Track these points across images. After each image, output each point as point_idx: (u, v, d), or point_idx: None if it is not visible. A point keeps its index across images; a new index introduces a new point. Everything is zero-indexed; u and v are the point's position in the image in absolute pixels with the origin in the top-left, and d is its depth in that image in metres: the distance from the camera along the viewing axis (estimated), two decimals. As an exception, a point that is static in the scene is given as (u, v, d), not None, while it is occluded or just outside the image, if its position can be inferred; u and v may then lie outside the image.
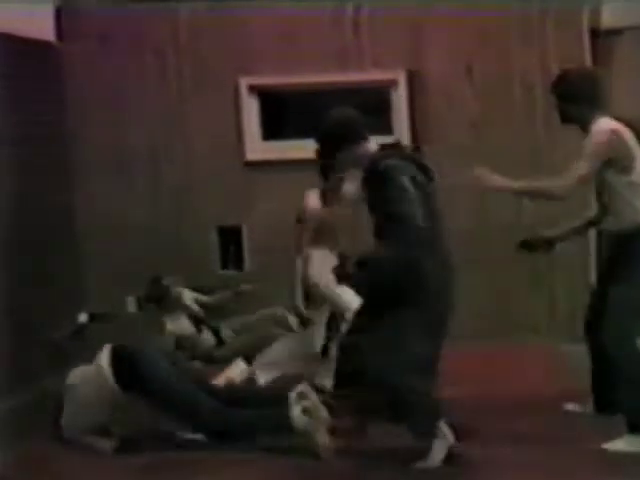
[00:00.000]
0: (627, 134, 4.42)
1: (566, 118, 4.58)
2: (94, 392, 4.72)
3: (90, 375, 4.80)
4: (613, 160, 4.35)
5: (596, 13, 6.55)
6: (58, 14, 6.72)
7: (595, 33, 6.55)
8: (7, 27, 5.85)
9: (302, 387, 4.60)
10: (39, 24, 6.51)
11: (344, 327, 4.96)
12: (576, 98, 4.48)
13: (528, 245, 4.90)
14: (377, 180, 4.10)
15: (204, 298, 6.45)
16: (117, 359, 4.75)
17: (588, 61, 6.47)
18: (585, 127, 4.46)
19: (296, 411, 4.50)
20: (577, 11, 6.52)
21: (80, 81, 6.72)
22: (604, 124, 4.41)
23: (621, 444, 4.32)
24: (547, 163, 6.51)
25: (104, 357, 4.77)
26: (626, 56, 6.50)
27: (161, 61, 6.74)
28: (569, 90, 4.51)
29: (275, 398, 4.69)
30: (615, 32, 6.54)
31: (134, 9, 6.65)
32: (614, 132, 4.38)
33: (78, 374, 4.89)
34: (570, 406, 4.97)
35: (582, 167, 4.33)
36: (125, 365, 4.72)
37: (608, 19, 6.55)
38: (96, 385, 4.72)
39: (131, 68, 6.76)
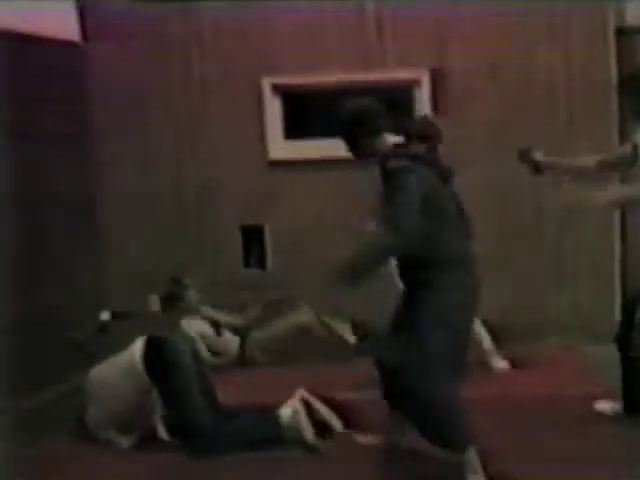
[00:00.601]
0: None
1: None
2: (124, 381, 4.75)
3: (121, 365, 4.83)
4: None
5: (621, 11, 6.50)
6: (82, 14, 6.75)
7: (620, 31, 6.50)
8: (31, 27, 5.88)
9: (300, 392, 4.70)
10: (63, 24, 6.54)
11: None
12: None
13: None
14: (386, 179, 4.06)
15: (232, 319, 6.41)
16: (149, 349, 4.79)
17: (613, 60, 6.43)
18: None
19: (285, 410, 4.60)
20: (602, 9, 6.47)
21: (104, 81, 6.75)
22: None
23: None
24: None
25: (137, 347, 4.80)
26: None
27: (185, 60, 6.75)
28: None
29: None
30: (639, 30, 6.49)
31: (158, 8, 6.66)
32: None
33: (106, 366, 4.93)
34: (601, 405, 4.92)
35: None
36: (155, 354, 4.76)
37: (633, 17, 6.50)
38: (126, 374, 4.76)
39: (155, 67, 6.77)
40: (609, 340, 4.81)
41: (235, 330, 6.36)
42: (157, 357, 4.76)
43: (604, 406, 4.90)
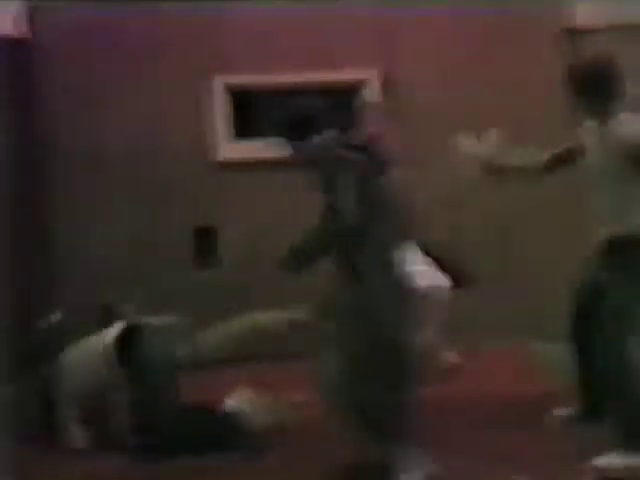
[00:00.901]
0: None
1: (588, 113, 4.36)
2: (94, 363, 4.74)
3: (92, 347, 4.82)
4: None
5: (571, 13, 6.57)
6: (31, 11, 6.68)
7: (570, 32, 6.56)
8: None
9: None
10: (12, 21, 6.47)
11: None
12: (598, 86, 4.28)
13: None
14: (323, 167, 4.12)
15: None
16: (125, 335, 4.77)
17: (563, 62, 6.46)
18: (605, 120, 4.28)
19: (229, 400, 4.71)
20: (552, 11, 6.53)
21: (54, 80, 6.68)
22: (631, 119, 4.25)
23: (613, 458, 4.21)
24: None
25: (113, 331, 4.78)
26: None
27: (137, 59, 6.69)
28: (592, 81, 4.29)
29: None
30: (590, 32, 6.54)
31: (112, 8, 6.60)
32: None
33: (77, 348, 4.91)
34: (558, 411, 4.90)
35: None
36: (130, 341, 4.75)
37: (583, 19, 6.56)
38: (96, 356, 4.74)
39: (108, 67, 6.71)
40: (560, 339, 4.82)
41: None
42: (131, 344, 4.73)
43: (562, 411, 4.89)
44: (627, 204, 4.23)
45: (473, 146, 4.59)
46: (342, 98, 6.70)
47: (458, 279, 5.72)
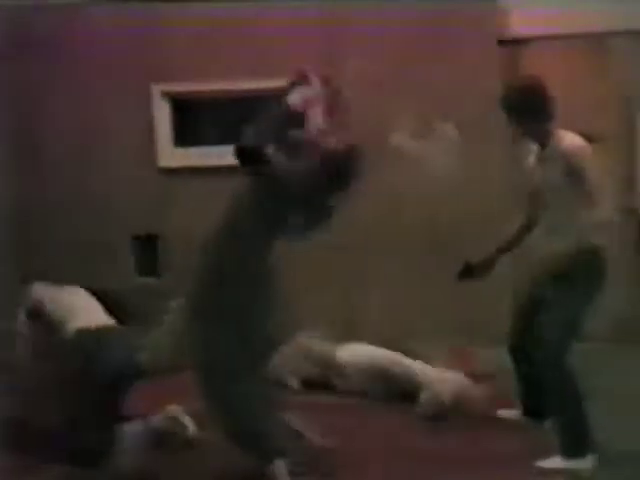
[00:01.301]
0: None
1: (525, 133, 4.46)
2: None
3: None
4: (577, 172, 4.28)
5: (505, 21, 6.67)
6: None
7: (503, 41, 6.67)
8: None
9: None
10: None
11: None
12: (533, 112, 4.36)
13: (468, 272, 4.83)
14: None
15: None
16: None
17: (495, 70, 6.58)
18: (544, 141, 4.40)
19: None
20: (486, 18, 6.61)
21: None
22: (569, 137, 4.36)
23: (556, 462, 4.33)
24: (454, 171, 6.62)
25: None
26: (533, 65, 6.63)
27: (75, 64, 6.62)
28: (526, 104, 4.36)
29: None
30: (522, 41, 6.66)
31: (46, 12, 6.53)
32: (587, 147, 4.34)
33: None
34: (503, 412, 5.02)
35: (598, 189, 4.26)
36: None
37: (516, 27, 6.67)
38: None
39: (45, 72, 6.62)
40: (502, 343, 4.92)
41: None
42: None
43: (506, 413, 5.01)
44: (569, 220, 4.33)
45: (406, 141, 4.63)
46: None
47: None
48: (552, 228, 4.46)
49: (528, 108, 4.36)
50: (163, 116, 6.75)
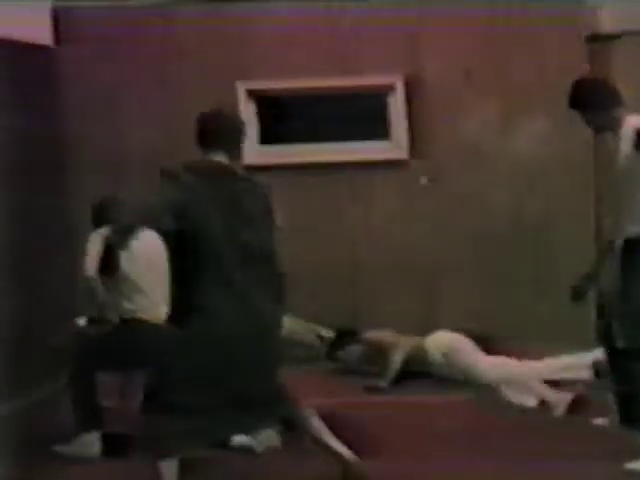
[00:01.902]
0: None
1: (599, 128, 4.57)
2: None
3: None
4: None
5: (594, 17, 6.56)
6: (55, 17, 6.69)
7: (593, 38, 6.56)
8: (2, 31, 5.81)
9: None
10: (35, 27, 6.47)
11: None
12: (602, 104, 4.45)
13: (579, 294, 4.72)
14: None
15: None
16: None
17: (586, 66, 6.48)
18: (616, 129, 4.45)
19: None
20: (576, 15, 6.53)
21: (78, 84, 6.69)
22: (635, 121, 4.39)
23: None
24: (543, 162, 6.55)
25: None
26: (624, 61, 6.51)
27: (160, 64, 6.70)
28: (590, 99, 4.48)
29: None
30: (613, 37, 6.55)
31: (133, 12, 6.62)
32: None
33: None
34: (599, 420, 4.94)
35: None
36: None
37: (606, 24, 6.56)
38: None
39: (130, 71, 6.72)
40: (587, 348, 4.84)
41: None
42: None
43: (602, 421, 4.90)
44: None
45: None
46: (367, 104, 6.73)
47: None
48: (627, 214, 4.39)
49: (589, 100, 4.47)
50: (249, 114, 6.77)
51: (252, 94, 6.79)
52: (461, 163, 6.63)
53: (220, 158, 4.07)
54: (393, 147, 6.74)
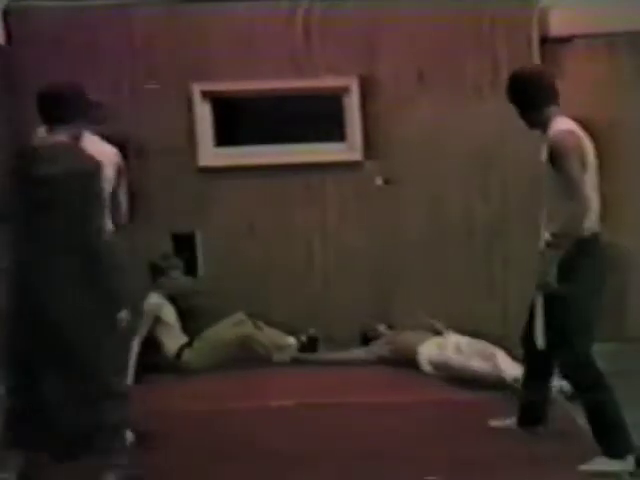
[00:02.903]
0: (581, 133, 4.35)
1: (530, 124, 4.47)
2: None
3: None
4: (556, 158, 4.23)
5: (546, 20, 6.64)
6: (6, 15, 6.61)
7: (544, 40, 6.64)
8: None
9: None
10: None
11: None
12: (529, 101, 4.38)
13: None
14: None
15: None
16: None
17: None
18: (545, 128, 4.37)
19: None
20: (527, 17, 6.60)
21: (31, 85, 6.59)
22: (561, 124, 4.32)
23: (598, 464, 4.24)
24: (498, 168, 6.62)
25: None
26: (575, 64, 6.60)
27: (114, 65, 6.65)
28: (521, 95, 4.40)
29: None
30: (564, 39, 6.62)
31: (89, 11, 6.56)
32: (572, 134, 4.29)
33: None
34: (495, 422, 4.88)
35: (577, 182, 4.19)
36: None
37: (556, 27, 6.63)
38: None
39: (84, 73, 6.64)
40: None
41: None
42: None
43: (500, 423, 4.87)
44: (555, 209, 4.30)
45: None
46: (322, 105, 6.74)
47: None
48: (547, 217, 4.40)
49: (522, 95, 4.40)
50: (204, 115, 6.75)
51: (207, 95, 6.76)
52: (416, 164, 6.67)
53: None
54: (348, 148, 6.76)
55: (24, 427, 3.99)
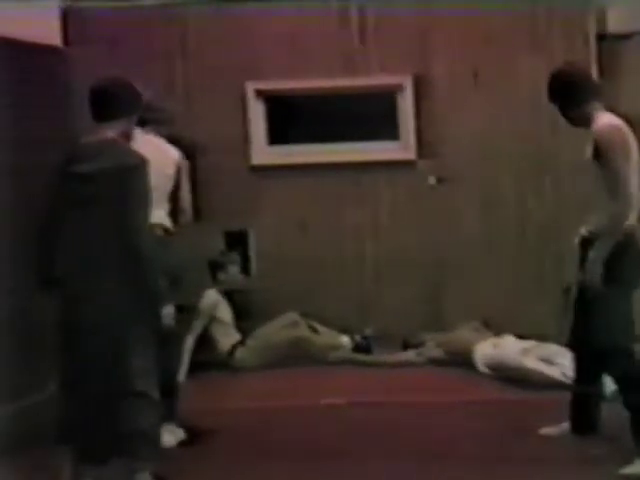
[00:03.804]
0: (626, 129, 4.31)
1: (573, 122, 4.44)
2: None
3: None
4: (602, 155, 4.19)
5: (603, 17, 6.56)
6: (64, 17, 6.71)
7: (602, 37, 6.56)
8: (12, 31, 5.82)
9: None
10: (44, 28, 6.47)
11: None
12: (571, 99, 4.35)
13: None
14: None
15: None
16: None
17: (594, 66, 6.48)
18: (588, 124, 4.33)
19: None
20: (583, 15, 6.53)
21: (87, 86, 6.69)
22: (605, 119, 4.29)
23: (636, 467, 4.16)
24: (552, 168, 6.56)
25: None
26: (633, 61, 6.51)
27: (169, 65, 6.72)
28: (562, 93, 4.37)
29: None
30: (622, 37, 6.54)
31: (142, 13, 6.64)
32: (619, 130, 4.26)
33: None
34: (545, 430, 4.75)
35: (622, 178, 4.15)
36: None
37: (614, 23, 6.56)
38: None
39: (139, 72, 6.71)
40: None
41: None
42: None
43: (550, 431, 4.74)
44: (600, 206, 4.27)
45: None
46: (376, 104, 6.73)
47: None
48: (593, 214, 4.35)
49: (563, 92, 4.36)
50: (257, 114, 6.79)
51: (261, 94, 6.80)
52: (469, 163, 6.64)
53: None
54: (401, 147, 6.75)
55: (68, 426, 4.02)
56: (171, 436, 4.64)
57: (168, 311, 4.16)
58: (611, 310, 4.26)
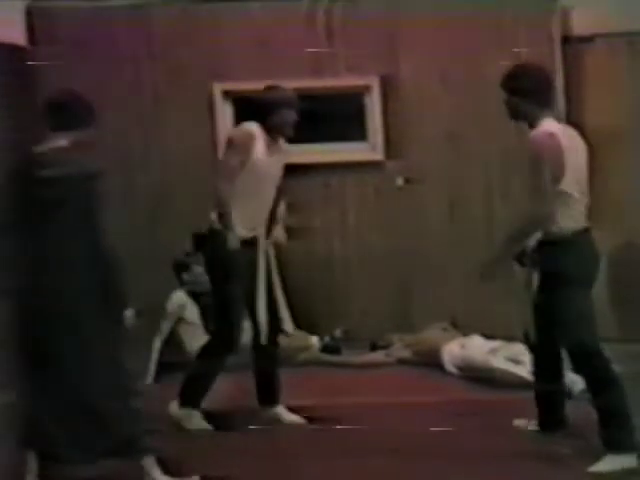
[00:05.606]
0: (565, 139, 4.33)
1: (515, 114, 4.50)
2: None
3: None
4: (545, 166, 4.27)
5: (567, 20, 6.61)
6: (29, 17, 6.65)
7: (566, 40, 6.61)
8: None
9: None
10: (8, 27, 6.43)
11: None
12: (527, 93, 4.39)
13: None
14: None
15: None
16: None
17: (559, 67, 6.54)
18: (533, 125, 4.39)
19: None
20: (548, 17, 6.58)
21: (52, 86, 6.65)
22: (546, 126, 4.34)
23: (604, 465, 4.23)
24: (519, 166, 6.58)
25: None
26: (597, 63, 6.57)
27: (135, 66, 6.69)
28: (521, 85, 4.41)
29: None
30: (586, 39, 6.60)
31: (109, 13, 6.60)
32: (551, 136, 4.30)
33: None
34: (518, 422, 4.87)
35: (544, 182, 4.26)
36: None
37: (579, 26, 6.61)
38: None
39: (105, 73, 6.70)
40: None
41: None
42: None
43: (522, 423, 4.86)
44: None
45: None
46: (344, 104, 6.74)
47: None
48: None
49: (518, 89, 4.41)
50: (225, 115, 6.77)
51: (229, 95, 6.78)
52: (437, 164, 6.67)
53: None
54: (369, 148, 6.77)
55: (36, 429, 4.04)
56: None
57: (129, 313, 4.23)
58: (572, 310, 4.32)
